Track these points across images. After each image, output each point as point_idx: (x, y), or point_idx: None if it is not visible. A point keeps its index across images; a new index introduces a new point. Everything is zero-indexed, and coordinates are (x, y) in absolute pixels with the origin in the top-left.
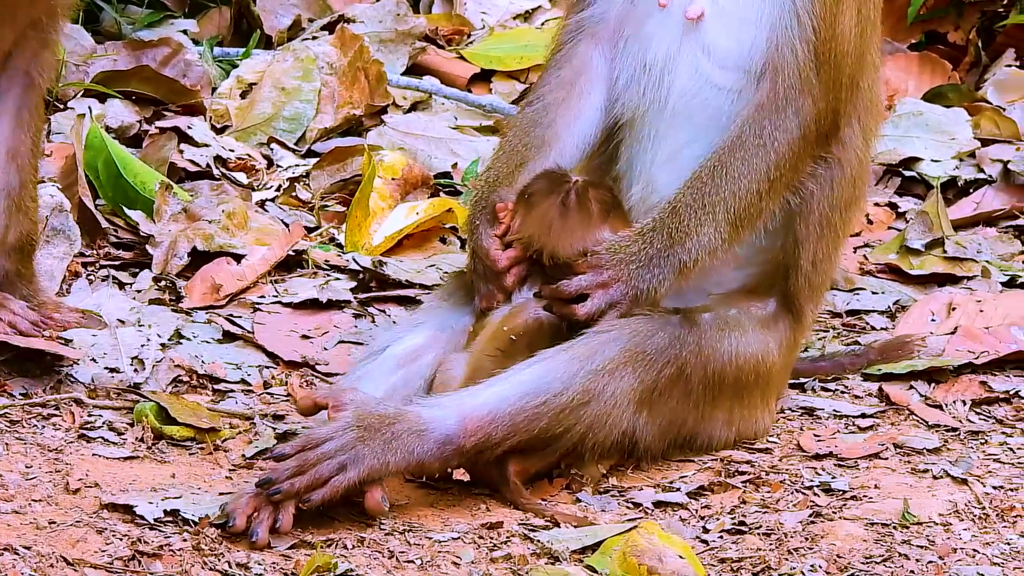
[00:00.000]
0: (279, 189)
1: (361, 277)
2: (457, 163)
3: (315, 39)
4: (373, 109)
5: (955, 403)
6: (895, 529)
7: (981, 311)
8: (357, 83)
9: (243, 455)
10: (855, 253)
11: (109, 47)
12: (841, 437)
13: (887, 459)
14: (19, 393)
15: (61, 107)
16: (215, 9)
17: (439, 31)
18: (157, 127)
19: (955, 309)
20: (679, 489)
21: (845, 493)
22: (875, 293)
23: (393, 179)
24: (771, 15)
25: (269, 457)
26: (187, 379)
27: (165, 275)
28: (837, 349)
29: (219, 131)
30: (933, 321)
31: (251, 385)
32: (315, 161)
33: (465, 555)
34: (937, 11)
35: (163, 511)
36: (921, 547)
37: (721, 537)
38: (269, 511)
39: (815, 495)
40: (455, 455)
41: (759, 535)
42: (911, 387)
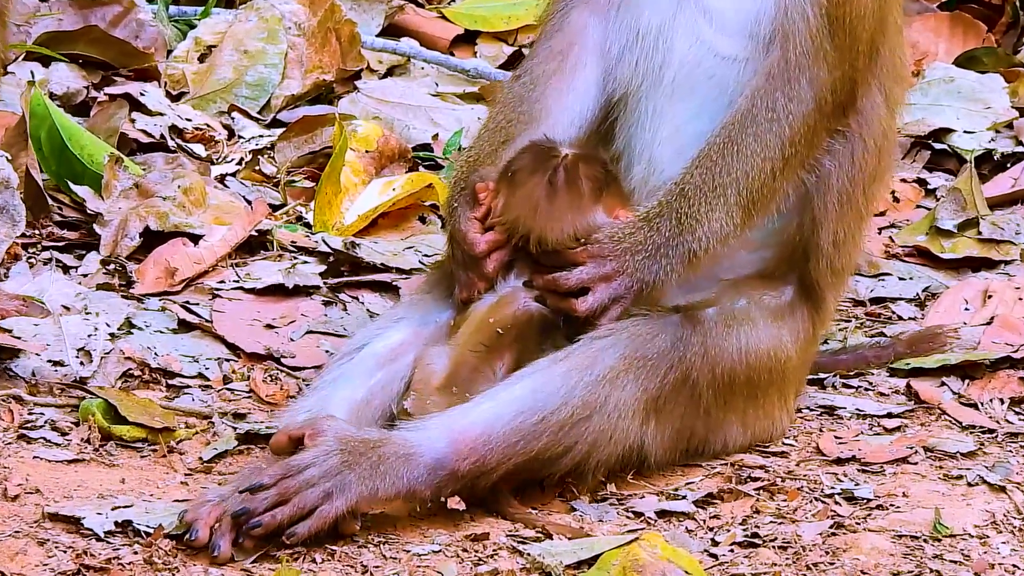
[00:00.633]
0: (241, 163)
1: (331, 260)
2: (438, 134)
3: None
4: (345, 74)
5: (991, 401)
6: (925, 542)
7: (1020, 299)
8: (328, 45)
9: (200, 458)
10: (880, 234)
11: (54, 5)
12: (865, 439)
13: (916, 464)
14: None
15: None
16: None
17: None
18: (106, 94)
19: (991, 297)
20: (685, 497)
21: (869, 502)
22: (902, 279)
23: (367, 152)
24: None
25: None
26: (138, 373)
27: (114, 258)
28: (860, 341)
29: (175, 98)
30: (967, 310)
31: (209, 380)
32: (281, 132)
33: (447, 570)
34: None
35: (112, 521)
36: (954, 562)
37: (732, 551)
38: (232, 522)
39: (836, 504)
40: (448, 480)
41: (774, 548)
42: (943, 383)
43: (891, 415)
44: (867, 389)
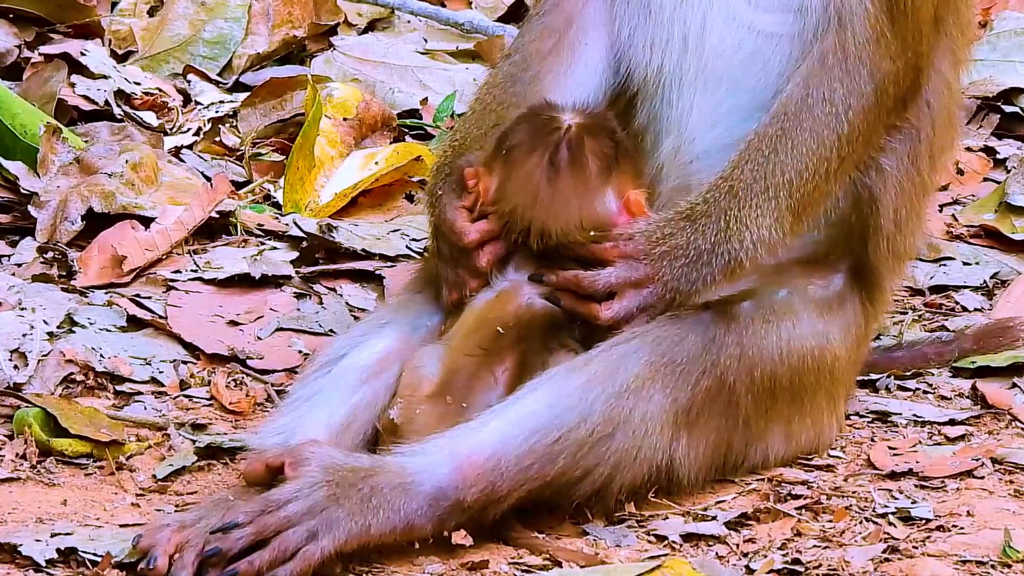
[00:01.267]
0: (199, 133)
1: (304, 246)
2: (427, 98)
3: None
4: (319, 29)
5: None
6: (993, 568)
7: None
8: None
9: (154, 476)
10: (941, 212)
11: None
12: (923, 450)
13: (983, 478)
14: None
15: None
16: None
17: None
18: (41, 54)
19: None
20: (715, 518)
21: (929, 522)
22: (967, 264)
23: (345, 119)
24: None
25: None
26: (82, 378)
27: (53, 244)
28: (918, 336)
29: (121, 59)
30: None
31: (164, 385)
32: (245, 97)
33: None
34: None
35: (53, 548)
36: None
37: None
38: (196, 549)
39: (890, 525)
40: (452, 512)
41: None
42: (1014, 385)
43: (954, 422)
44: (926, 392)
